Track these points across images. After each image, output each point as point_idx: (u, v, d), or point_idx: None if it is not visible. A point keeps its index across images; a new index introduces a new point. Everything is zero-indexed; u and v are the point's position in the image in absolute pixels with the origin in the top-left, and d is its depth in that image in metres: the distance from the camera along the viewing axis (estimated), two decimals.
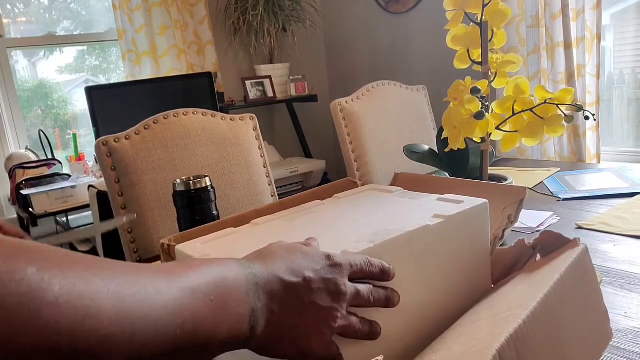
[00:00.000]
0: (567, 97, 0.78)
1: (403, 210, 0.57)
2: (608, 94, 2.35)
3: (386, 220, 0.53)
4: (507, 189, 0.65)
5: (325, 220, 0.58)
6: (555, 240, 0.55)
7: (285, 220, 0.60)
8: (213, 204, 0.85)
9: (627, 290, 0.69)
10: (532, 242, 0.58)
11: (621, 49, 2.33)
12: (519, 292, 0.46)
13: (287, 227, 0.58)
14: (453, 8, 0.84)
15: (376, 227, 0.51)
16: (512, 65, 0.86)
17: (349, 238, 0.50)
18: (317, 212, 0.62)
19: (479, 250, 0.56)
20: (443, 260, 0.52)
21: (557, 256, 0.52)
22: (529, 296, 0.42)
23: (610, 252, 0.82)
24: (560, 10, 2.08)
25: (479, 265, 0.56)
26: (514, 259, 0.60)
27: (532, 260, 0.58)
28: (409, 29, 2.87)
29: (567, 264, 0.47)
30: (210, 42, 2.89)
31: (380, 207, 0.59)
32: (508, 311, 0.41)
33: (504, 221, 0.61)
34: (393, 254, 0.47)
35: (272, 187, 1.39)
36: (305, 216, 0.60)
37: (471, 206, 0.55)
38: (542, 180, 1.31)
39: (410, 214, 0.55)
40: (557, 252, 0.54)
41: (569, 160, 2.16)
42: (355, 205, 0.62)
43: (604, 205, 1.06)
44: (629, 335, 0.58)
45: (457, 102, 0.82)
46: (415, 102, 1.89)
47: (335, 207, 0.62)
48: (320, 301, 0.41)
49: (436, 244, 0.51)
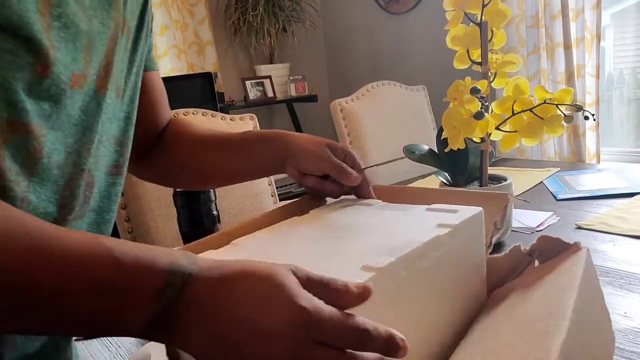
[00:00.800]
0: (566, 97, 0.79)
1: (399, 222, 0.53)
2: (608, 94, 2.35)
3: (389, 234, 0.49)
4: (487, 196, 0.61)
5: (323, 237, 0.52)
6: (553, 245, 0.54)
7: (277, 237, 0.54)
8: (213, 204, 0.85)
9: (627, 290, 0.69)
10: (529, 248, 0.56)
11: (621, 49, 2.33)
12: (541, 301, 0.44)
13: (284, 245, 0.51)
14: (453, 8, 0.84)
15: (383, 241, 0.47)
16: (512, 66, 0.86)
17: (361, 253, 0.45)
18: (308, 229, 0.55)
19: (477, 259, 0.54)
20: (451, 272, 0.49)
21: (561, 261, 0.51)
22: (556, 305, 0.40)
23: (610, 252, 0.82)
24: (559, 11, 2.08)
25: (476, 275, 0.54)
26: (510, 267, 0.58)
27: (530, 267, 0.56)
28: (409, 29, 2.87)
29: (581, 268, 0.46)
30: (210, 42, 2.89)
31: (372, 220, 0.55)
32: (540, 322, 0.39)
33: (490, 228, 0.59)
34: (412, 269, 0.44)
35: (272, 187, 1.40)
36: (296, 234, 0.54)
37: (471, 214, 0.52)
38: (542, 180, 1.31)
39: (410, 226, 0.51)
40: (559, 257, 0.52)
41: (568, 160, 2.16)
42: (345, 220, 0.57)
43: (603, 205, 1.06)
44: (629, 335, 0.58)
45: (456, 102, 0.82)
46: (415, 102, 1.89)
47: (324, 223, 0.57)
48: None
49: (446, 255, 0.48)
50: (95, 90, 0.54)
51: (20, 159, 0.48)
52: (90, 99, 0.54)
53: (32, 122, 0.47)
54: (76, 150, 0.53)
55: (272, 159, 0.72)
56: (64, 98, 0.50)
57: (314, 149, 0.67)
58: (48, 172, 0.50)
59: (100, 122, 0.56)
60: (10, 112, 0.46)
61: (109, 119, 0.58)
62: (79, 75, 0.51)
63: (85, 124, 0.54)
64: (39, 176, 0.49)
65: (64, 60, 0.49)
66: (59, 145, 0.51)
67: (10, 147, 0.47)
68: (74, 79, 0.50)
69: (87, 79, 0.52)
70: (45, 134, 0.49)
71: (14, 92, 0.45)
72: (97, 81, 0.54)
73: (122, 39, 0.58)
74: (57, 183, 0.51)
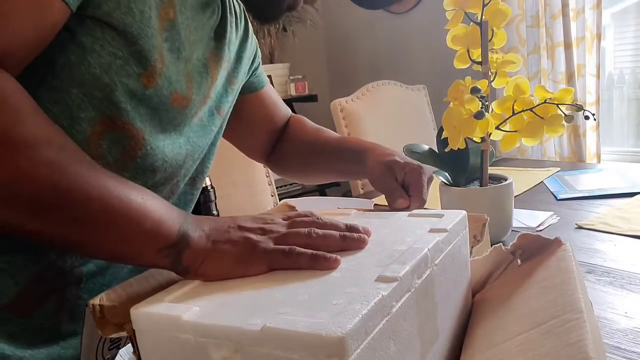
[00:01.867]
0: (567, 97, 0.78)
1: (389, 230, 0.51)
2: (608, 94, 2.35)
3: (386, 242, 0.48)
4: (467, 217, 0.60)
5: None
6: (534, 243, 0.54)
7: None
8: (213, 203, 0.85)
9: (628, 290, 0.68)
10: (510, 247, 0.56)
11: (621, 48, 2.33)
12: (544, 298, 0.44)
13: None
14: (453, 8, 0.84)
15: (382, 249, 0.46)
16: (512, 65, 0.86)
17: (367, 263, 0.43)
18: None
19: (464, 263, 0.54)
20: (447, 277, 0.49)
21: (546, 258, 0.51)
22: (564, 300, 0.40)
23: (611, 252, 0.82)
24: (560, 10, 2.08)
25: (465, 278, 0.54)
26: (490, 267, 0.57)
27: (512, 266, 0.56)
28: (409, 29, 2.87)
29: (572, 263, 0.46)
30: None
31: None
32: (554, 317, 0.39)
33: (470, 240, 0.60)
34: (420, 277, 0.42)
35: (272, 187, 1.39)
36: None
37: (459, 217, 0.52)
38: (542, 180, 1.31)
39: (402, 232, 0.50)
40: (542, 254, 0.52)
41: (569, 160, 2.16)
42: None
43: (604, 205, 1.06)
44: (629, 336, 0.58)
45: (457, 102, 0.82)
46: (415, 102, 1.89)
47: None
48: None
49: (443, 260, 0.47)
50: (195, 113, 0.61)
51: (116, 152, 0.53)
52: (197, 120, 0.62)
53: (132, 123, 0.53)
54: (173, 160, 0.59)
55: (355, 174, 0.86)
56: (162, 110, 0.55)
57: (376, 169, 0.71)
58: (140, 172, 0.55)
59: (197, 138, 0.63)
60: (113, 111, 0.51)
61: (202, 136, 0.64)
62: (181, 96, 0.57)
63: (188, 141, 0.61)
64: (130, 172, 0.54)
65: (169, 77, 0.54)
66: (158, 152, 0.56)
67: (106, 140, 0.52)
68: (175, 96, 0.56)
69: (190, 103, 0.59)
70: (145, 137, 0.54)
71: (118, 93, 0.51)
72: (197, 106, 0.61)
73: (223, 71, 0.65)
74: (147, 184, 0.55)
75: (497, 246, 0.57)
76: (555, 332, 0.38)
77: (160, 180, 0.58)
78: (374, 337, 0.34)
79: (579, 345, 0.34)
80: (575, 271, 0.45)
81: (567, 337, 0.36)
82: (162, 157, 0.57)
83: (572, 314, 0.38)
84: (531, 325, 0.41)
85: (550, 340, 0.37)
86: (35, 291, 0.52)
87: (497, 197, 0.86)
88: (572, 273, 0.44)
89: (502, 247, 0.57)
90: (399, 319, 0.38)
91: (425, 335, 0.42)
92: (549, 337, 0.38)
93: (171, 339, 0.37)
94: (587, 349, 0.33)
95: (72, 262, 0.54)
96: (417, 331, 0.41)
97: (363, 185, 1.64)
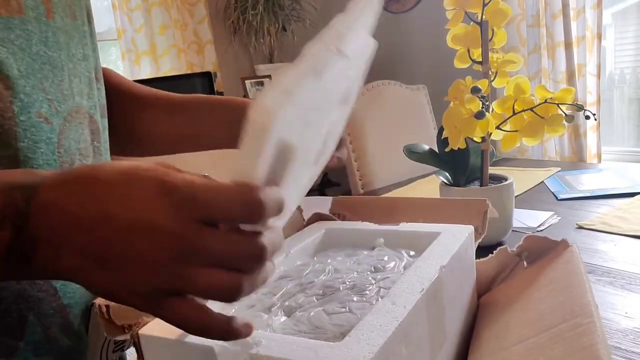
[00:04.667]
0: (567, 97, 0.78)
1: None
2: (609, 94, 2.35)
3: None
4: (467, 203, 0.60)
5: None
6: (541, 245, 0.53)
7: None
8: None
9: (628, 290, 0.68)
10: (516, 249, 0.55)
11: (622, 48, 2.33)
12: (552, 301, 0.44)
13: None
14: (453, 7, 0.84)
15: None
16: (513, 65, 0.85)
17: None
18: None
19: (470, 264, 0.54)
20: (454, 282, 0.49)
21: (553, 259, 0.50)
22: (573, 303, 0.40)
23: (611, 252, 0.82)
24: (560, 10, 2.08)
25: (470, 281, 0.54)
26: (497, 269, 0.57)
27: (519, 268, 0.55)
28: (409, 28, 2.86)
29: (580, 265, 0.46)
30: (210, 41, 2.89)
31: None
32: (564, 322, 0.39)
33: None
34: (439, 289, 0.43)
35: None
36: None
37: (467, 234, 0.51)
38: (543, 180, 1.30)
39: None
40: (549, 255, 0.52)
41: (569, 160, 2.16)
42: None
43: (604, 205, 1.05)
44: (630, 336, 0.58)
45: (457, 102, 0.82)
46: (415, 102, 1.89)
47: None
48: None
49: (452, 262, 0.47)
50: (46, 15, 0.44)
51: None
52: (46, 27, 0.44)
53: None
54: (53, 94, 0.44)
55: (226, 125, 0.60)
56: None
57: None
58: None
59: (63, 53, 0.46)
60: None
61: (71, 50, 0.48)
62: None
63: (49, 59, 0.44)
64: None
65: None
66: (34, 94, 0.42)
67: None
68: None
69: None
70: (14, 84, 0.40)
71: None
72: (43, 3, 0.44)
73: None
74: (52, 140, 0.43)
75: (503, 248, 0.57)
76: (565, 337, 0.38)
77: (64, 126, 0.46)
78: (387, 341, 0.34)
79: (590, 350, 0.34)
80: (584, 273, 0.45)
81: (578, 341, 0.36)
82: (47, 98, 0.45)
83: (582, 318, 0.38)
84: (540, 328, 0.41)
85: (560, 345, 0.37)
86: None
87: (497, 197, 0.86)
88: (581, 275, 0.44)
89: (508, 248, 0.56)
90: (411, 323, 0.38)
91: (435, 338, 0.42)
92: (559, 342, 0.38)
93: (176, 345, 0.36)
94: (600, 353, 0.33)
95: None
96: (427, 334, 0.41)
97: (363, 185, 1.63)
